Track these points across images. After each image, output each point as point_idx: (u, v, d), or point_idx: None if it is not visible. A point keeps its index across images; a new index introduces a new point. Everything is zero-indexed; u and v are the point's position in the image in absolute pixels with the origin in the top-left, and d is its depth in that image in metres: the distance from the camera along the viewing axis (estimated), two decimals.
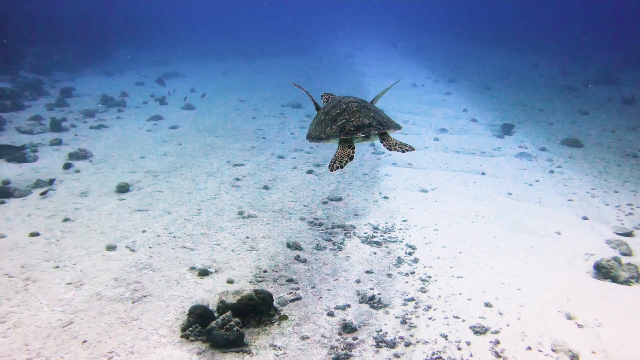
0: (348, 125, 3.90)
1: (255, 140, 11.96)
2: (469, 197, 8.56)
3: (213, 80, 22.66)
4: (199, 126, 13.28)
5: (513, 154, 11.64)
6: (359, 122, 3.89)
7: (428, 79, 22.75)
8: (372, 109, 4.09)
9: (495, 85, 21.53)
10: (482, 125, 14.27)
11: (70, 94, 17.39)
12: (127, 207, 7.66)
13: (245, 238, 6.73)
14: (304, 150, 11.12)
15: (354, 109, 4.00)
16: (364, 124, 3.88)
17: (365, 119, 3.91)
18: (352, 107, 4.02)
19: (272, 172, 9.55)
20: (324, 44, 40.76)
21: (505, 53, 33.33)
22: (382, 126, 3.93)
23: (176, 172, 9.42)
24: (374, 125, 3.90)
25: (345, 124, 3.91)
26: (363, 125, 3.88)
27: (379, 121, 3.95)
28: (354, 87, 20.19)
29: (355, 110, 4.00)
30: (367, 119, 3.92)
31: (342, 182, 9.10)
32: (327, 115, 4.12)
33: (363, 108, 4.03)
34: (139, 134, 12.40)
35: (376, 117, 3.97)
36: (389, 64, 28.68)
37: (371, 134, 3.91)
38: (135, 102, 16.44)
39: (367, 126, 3.88)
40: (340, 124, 3.93)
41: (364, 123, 3.89)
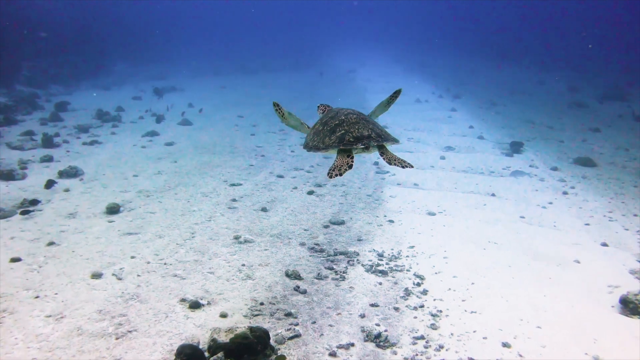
0: (347, 136, 3.91)
1: (253, 158, 11.50)
2: (480, 221, 8.07)
3: (212, 95, 22.28)
4: (196, 143, 12.83)
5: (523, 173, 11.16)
6: (358, 134, 3.91)
7: (432, 95, 22.35)
8: (370, 122, 4.12)
9: (501, 101, 21.13)
10: (490, 143, 13.81)
11: (65, 109, 17.01)
12: (116, 230, 7.18)
13: (241, 266, 6.24)
14: (304, 169, 10.66)
15: (353, 120, 4.03)
16: (363, 135, 3.90)
17: (364, 130, 3.94)
18: (351, 119, 4.04)
19: (270, 193, 9.07)
20: (326, 59, 40.52)
21: (510, 68, 33.01)
22: (380, 138, 3.97)
23: (170, 192, 8.95)
24: (373, 137, 3.92)
25: (344, 135, 3.93)
26: (362, 137, 3.90)
27: (378, 133, 4.00)
28: (355, 103, 19.77)
29: (355, 121, 4.02)
30: (366, 130, 3.95)
31: (344, 204, 8.62)
32: (325, 126, 4.13)
33: (362, 120, 4.06)
34: (134, 150, 11.95)
35: (375, 130, 4.02)
36: (391, 79, 28.32)
37: (370, 145, 3.92)
38: (131, 117, 16.02)
39: (367, 137, 3.90)
40: (340, 134, 3.95)
41: (363, 134, 3.91)
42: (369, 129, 4.00)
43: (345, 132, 3.95)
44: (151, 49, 36.72)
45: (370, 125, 4.05)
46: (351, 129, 3.97)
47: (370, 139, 3.92)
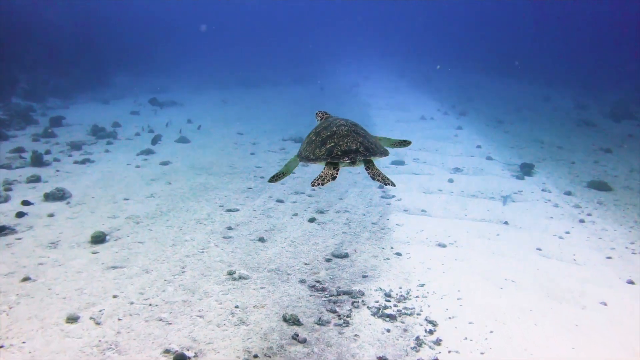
0: (336, 149, 3.95)
1: (252, 180, 10.93)
2: (494, 254, 7.47)
3: (212, 109, 21.77)
4: (193, 162, 12.27)
5: (536, 198, 10.58)
6: (346, 147, 3.94)
7: (437, 112, 21.82)
8: (361, 134, 4.12)
9: (508, 118, 20.60)
10: (499, 164, 13.24)
11: (60, 124, 16.49)
12: (99, 263, 6.59)
13: (234, 308, 5.64)
14: (305, 193, 10.08)
15: (344, 133, 4.05)
16: (351, 149, 3.93)
17: (353, 144, 3.96)
18: (342, 131, 4.07)
19: (269, 220, 8.48)
20: (329, 72, 40.11)
21: (514, 84, 32.53)
22: (368, 152, 3.96)
23: (162, 218, 8.37)
24: (361, 152, 3.94)
25: (333, 148, 3.96)
26: (350, 151, 3.92)
27: (366, 147, 3.99)
28: (359, 120, 19.22)
29: (345, 134, 4.04)
30: (354, 144, 3.96)
31: (348, 234, 8.03)
32: (317, 136, 4.18)
33: (352, 132, 4.08)
34: (127, 170, 11.39)
35: (364, 143, 4.01)
36: (396, 94, 27.83)
37: (357, 159, 3.94)
38: (127, 134, 15.48)
39: (354, 152, 3.92)
40: (329, 147, 3.98)
41: (351, 148, 3.93)
42: (358, 142, 4.01)
43: (335, 145, 3.99)
44: (153, 61, 36.35)
45: (360, 139, 4.05)
46: (340, 142, 4.00)
47: (358, 153, 3.93)
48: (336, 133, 4.08)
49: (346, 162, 3.98)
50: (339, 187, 10.66)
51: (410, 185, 11.02)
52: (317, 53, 51.23)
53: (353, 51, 55.89)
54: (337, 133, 4.07)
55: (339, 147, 3.96)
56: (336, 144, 4.00)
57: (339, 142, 4.00)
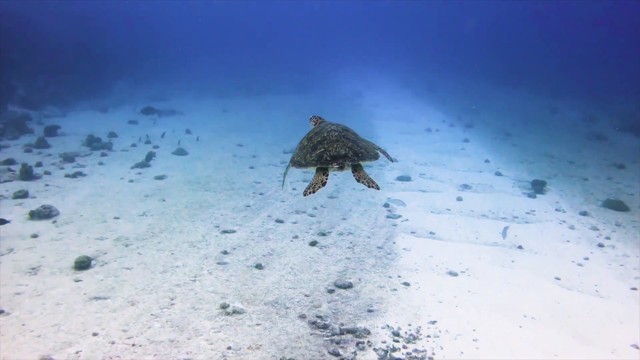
0: (325, 154, 4.02)
1: (251, 197, 10.39)
2: (509, 284, 6.91)
3: (212, 119, 21.26)
4: (189, 176, 11.74)
5: (550, 219, 10.02)
6: (335, 153, 4.02)
7: (443, 123, 21.30)
8: (351, 139, 4.19)
9: (515, 131, 20.06)
10: (509, 181, 12.70)
11: (55, 133, 15.99)
12: (81, 294, 6.04)
13: (226, 349, 5.08)
14: (307, 212, 9.53)
15: (334, 138, 4.13)
16: (339, 155, 4.01)
17: (342, 149, 4.04)
18: (332, 137, 4.15)
19: (267, 244, 7.93)
20: (332, 81, 39.67)
21: (520, 94, 32.02)
22: (357, 157, 4.04)
23: (153, 240, 7.82)
24: (349, 157, 4.02)
25: (323, 153, 4.04)
26: (339, 156, 4.00)
27: (355, 152, 4.06)
28: (362, 130, 18.71)
29: (334, 139, 4.13)
30: (343, 149, 4.04)
31: (351, 259, 7.48)
32: (309, 142, 4.25)
33: (342, 137, 4.15)
34: (120, 185, 10.86)
35: (353, 148, 4.08)
36: (400, 104, 27.33)
37: (345, 164, 4.02)
38: (123, 145, 14.97)
39: (343, 157, 4.01)
40: (319, 152, 4.06)
41: (340, 154, 4.01)
42: (348, 147, 4.08)
43: (324, 151, 4.06)
44: (154, 68, 35.92)
45: (349, 144, 4.12)
46: (330, 147, 4.07)
47: (347, 159, 4.01)
48: (326, 138, 4.16)
49: (335, 167, 4.06)
50: (343, 205, 10.12)
51: (417, 204, 10.47)
52: (320, 61, 50.83)
53: (356, 59, 55.51)
54: (327, 138, 4.15)
55: (328, 153, 4.04)
56: (326, 149, 4.07)
57: (328, 148, 4.07)
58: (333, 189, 11.22)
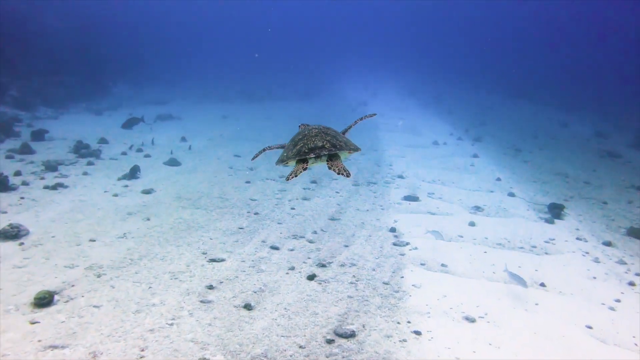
0: (304, 148, 4.38)
1: (245, 217, 9.48)
2: (535, 334, 6.00)
3: (210, 125, 20.41)
4: (180, 191, 10.85)
5: (572, 249, 9.12)
6: (312, 145, 4.38)
7: (450, 136, 20.41)
8: (330, 134, 4.53)
9: (526, 146, 19.17)
10: (524, 203, 11.80)
11: (42, 138, 15.13)
12: (35, 340, 5.14)
13: None
14: (305, 237, 8.62)
15: (313, 134, 4.51)
16: (316, 146, 4.36)
17: (319, 142, 4.40)
18: (312, 133, 4.54)
19: (259, 277, 7.02)
20: (336, 87, 38.88)
21: (528, 107, 31.17)
22: (334, 148, 4.37)
23: (130, 270, 6.93)
24: (326, 147, 4.36)
25: (302, 148, 4.40)
26: (316, 147, 4.36)
27: (333, 144, 4.40)
28: (366, 142, 17.85)
29: (314, 135, 4.50)
30: (320, 142, 4.40)
31: (354, 298, 6.57)
32: (292, 142, 4.65)
33: (321, 133, 4.52)
34: (102, 199, 9.97)
35: (331, 141, 4.43)
36: (405, 115, 26.46)
37: (321, 154, 4.34)
38: (113, 152, 14.10)
39: (319, 148, 4.35)
40: (299, 147, 4.43)
41: (317, 145, 4.37)
42: (326, 140, 4.41)
43: (303, 145, 4.39)
44: (155, 71, 35.12)
45: (327, 138, 4.44)
46: (308, 141, 4.41)
47: (323, 149, 4.32)
48: (307, 135, 4.52)
49: (312, 158, 4.33)
50: (345, 229, 9.22)
51: (426, 229, 9.56)
52: (324, 67, 50.06)
53: (361, 66, 54.75)
54: (307, 135, 4.51)
55: (306, 146, 4.37)
56: (305, 143, 4.40)
57: (307, 142, 4.40)
58: (335, 209, 10.33)
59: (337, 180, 12.62)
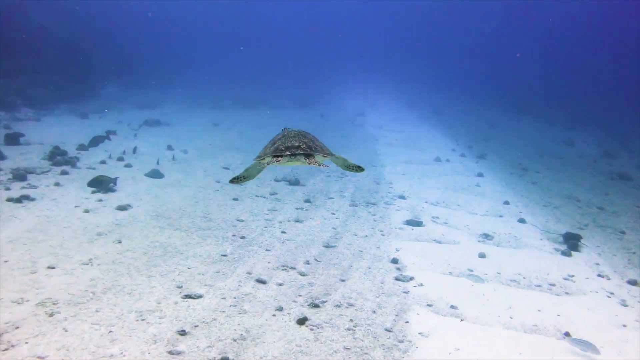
0: (281, 147, 4.72)
1: (229, 242, 8.45)
2: None
3: (200, 133, 19.39)
4: (159, 208, 9.81)
5: (594, 288, 8.15)
6: (289, 144, 4.72)
7: (453, 152, 19.46)
8: (308, 137, 4.91)
9: (532, 166, 18.25)
10: (536, 231, 10.85)
11: (17, 142, 14.08)
12: None
13: None
14: (296, 269, 7.60)
15: (291, 135, 4.86)
16: (293, 146, 4.70)
17: (295, 142, 4.74)
18: (291, 134, 4.89)
19: (241, 320, 5.97)
20: (333, 96, 37.97)
21: (531, 123, 30.37)
22: (310, 149, 4.69)
23: (90, 307, 5.88)
24: (302, 148, 4.67)
25: (279, 146, 4.75)
26: (292, 147, 4.68)
27: (309, 146, 4.73)
28: (366, 157, 16.86)
29: (292, 136, 4.85)
30: (297, 142, 4.74)
31: (351, 350, 5.54)
32: (271, 141, 5.00)
33: (299, 135, 4.88)
34: (71, 216, 8.92)
35: (307, 143, 4.76)
36: (405, 127, 25.52)
37: (297, 154, 4.66)
38: (91, 160, 13.05)
39: (296, 148, 4.67)
40: (276, 145, 4.78)
41: (293, 145, 4.70)
42: (302, 141, 4.76)
43: (280, 144, 4.76)
44: (147, 74, 34.08)
45: (305, 139, 4.82)
46: (286, 141, 4.78)
47: (299, 149, 4.65)
48: (285, 135, 4.88)
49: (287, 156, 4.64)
50: (341, 258, 8.21)
51: (432, 260, 8.58)
52: (321, 74, 49.21)
53: (360, 76, 53.96)
54: (286, 135, 4.87)
55: (283, 145, 4.72)
56: (282, 142, 4.77)
57: (284, 142, 4.76)
58: (330, 234, 9.32)
59: (333, 200, 11.62)
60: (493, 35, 67.06)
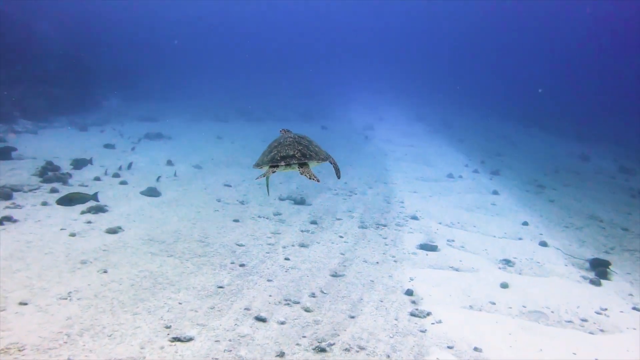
0: (277, 156, 4.77)
1: (227, 271, 7.68)
2: None
3: (203, 147, 18.70)
4: (152, 231, 9.06)
5: (631, 324, 7.32)
6: (284, 154, 4.76)
7: (465, 168, 18.66)
8: (303, 144, 4.91)
9: (548, 182, 17.42)
10: (559, 255, 10.03)
11: (9, 157, 13.43)
12: None
13: None
14: (301, 303, 6.81)
15: (287, 143, 4.88)
16: (288, 155, 4.75)
17: (290, 150, 4.78)
18: (286, 142, 4.91)
19: None
20: (340, 108, 37.30)
21: (544, 137, 29.57)
22: (304, 157, 4.77)
23: (60, 353, 5.11)
24: (297, 156, 4.74)
25: (275, 155, 4.79)
26: (287, 156, 4.74)
27: (303, 154, 4.79)
28: (374, 174, 16.10)
29: (288, 144, 4.87)
30: (292, 151, 4.78)
31: None
32: (268, 148, 5.05)
33: (295, 142, 4.89)
34: (56, 240, 8.18)
35: (302, 151, 4.81)
36: (414, 141, 24.76)
37: (291, 163, 4.73)
38: (85, 177, 12.35)
39: (290, 157, 4.73)
40: (272, 154, 4.82)
41: (288, 154, 4.75)
42: (297, 150, 4.80)
43: (276, 153, 4.80)
44: (150, 85, 33.54)
45: (299, 147, 4.84)
46: (282, 150, 4.81)
47: (293, 158, 4.72)
48: (281, 144, 4.92)
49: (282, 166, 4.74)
50: (351, 290, 7.43)
51: (450, 291, 7.77)
52: (328, 87, 48.63)
53: (366, 87, 53.35)
54: (282, 143, 4.91)
55: (279, 154, 4.77)
56: (278, 151, 4.81)
57: (280, 150, 4.80)
58: (338, 260, 8.54)
59: (341, 221, 10.85)
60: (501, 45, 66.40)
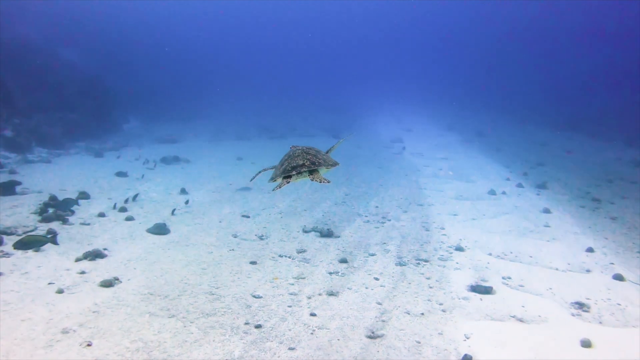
0: (288, 167, 4.98)
1: (239, 336, 6.27)
2: None
3: (222, 170, 17.45)
4: (154, 282, 7.73)
5: None
6: (294, 164, 4.98)
7: (507, 182, 16.93)
8: (311, 153, 5.12)
9: (603, 194, 15.58)
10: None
11: (12, 191, 12.40)
12: None
13: None
14: None
15: (296, 154, 5.09)
16: (298, 164, 4.96)
17: (300, 160, 5.00)
18: (296, 153, 5.13)
19: None
20: (366, 121, 35.88)
21: (586, 141, 27.53)
22: (313, 165, 4.96)
23: None
24: (306, 165, 4.94)
25: (286, 167, 5.00)
26: (297, 166, 4.95)
27: (312, 162, 4.99)
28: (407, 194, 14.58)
29: (297, 155, 5.08)
30: (301, 160, 5.00)
31: None
32: (280, 162, 5.24)
33: (303, 153, 5.11)
34: (39, 298, 6.91)
35: (311, 159, 5.01)
36: (448, 154, 23.10)
37: (302, 171, 4.92)
38: (89, 212, 11.17)
39: (300, 166, 4.94)
40: (284, 166, 5.03)
41: (298, 164, 4.96)
42: (306, 159, 5.01)
43: (287, 164, 5.01)
44: (168, 106, 32.70)
45: (308, 157, 5.04)
46: (292, 161, 5.03)
47: (303, 166, 4.92)
48: (291, 155, 5.14)
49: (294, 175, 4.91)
50: (392, 355, 5.93)
51: (517, 353, 6.21)
52: (353, 101, 47.30)
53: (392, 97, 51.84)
54: (291, 155, 5.14)
55: (290, 165, 4.98)
56: (289, 163, 5.02)
57: (290, 162, 5.01)
58: (375, 313, 7.05)
59: (374, 257, 9.36)
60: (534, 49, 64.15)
